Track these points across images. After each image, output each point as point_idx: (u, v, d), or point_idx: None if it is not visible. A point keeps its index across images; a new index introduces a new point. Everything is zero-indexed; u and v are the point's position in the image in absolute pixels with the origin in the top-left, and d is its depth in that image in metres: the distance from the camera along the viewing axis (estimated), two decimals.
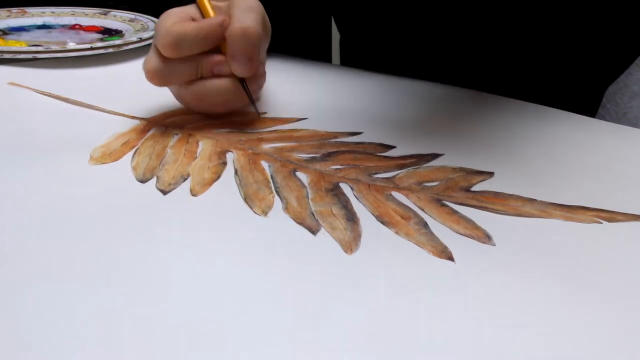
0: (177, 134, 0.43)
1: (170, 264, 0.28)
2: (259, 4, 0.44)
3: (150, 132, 0.43)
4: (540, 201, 0.36)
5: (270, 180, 0.37)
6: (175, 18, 0.41)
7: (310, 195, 0.35)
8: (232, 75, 0.43)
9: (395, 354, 0.23)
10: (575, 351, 0.24)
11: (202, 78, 0.43)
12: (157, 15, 0.77)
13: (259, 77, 0.46)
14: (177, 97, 0.45)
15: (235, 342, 0.24)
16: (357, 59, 0.74)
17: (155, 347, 0.23)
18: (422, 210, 0.34)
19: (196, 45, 0.41)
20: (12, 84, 0.53)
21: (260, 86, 0.47)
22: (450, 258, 0.30)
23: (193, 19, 0.43)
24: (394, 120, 0.48)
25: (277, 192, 0.36)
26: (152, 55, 0.41)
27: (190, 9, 0.44)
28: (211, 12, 0.43)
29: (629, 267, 0.30)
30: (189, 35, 0.40)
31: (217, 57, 0.42)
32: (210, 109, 0.45)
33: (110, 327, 0.24)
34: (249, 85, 0.44)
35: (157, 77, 0.41)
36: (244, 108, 0.46)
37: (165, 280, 0.27)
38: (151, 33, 0.67)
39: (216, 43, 0.42)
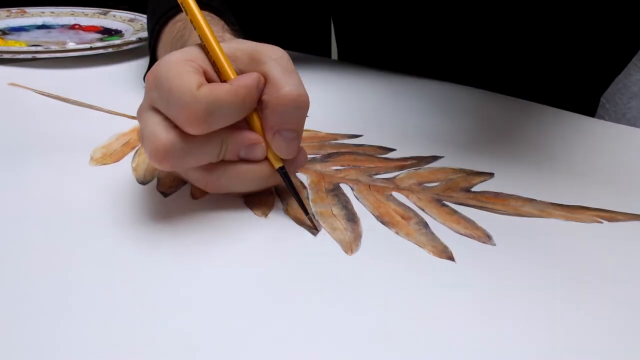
0: None
1: (170, 266, 0.28)
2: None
3: None
4: (540, 201, 0.36)
5: None
6: (191, 75, 0.29)
7: (310, 196, 0.35)
8: (264, 159, 0.33)
9: (395, 353, 0.23)
10: (576, 351, 0.24)
11: (224, 161, 0.32)
12: None
13: (300, 156, 0.34)
14: (185, 175, 0.33)
15: (236, 343, 0.24)
16: (354, 52, 0.74)
17: (155, 348, 0.23)
18: (423, 210, 0.34)
19: (231, 116, 0.30)
20: (12, 84, 0.54)
21: (299, 167, 0.35)
22: (451, 258, 0.30)
23: (205, 72, 0.31)
24: (394, 122, 0.48)
25: (277, 193, 0.36)
26: (159, 128, 0.30)
27: (194, 54, 0.32)
28: (229, 68, 0.32)
29: (629, 266, 0.30)
30: (225, 102, 0.29)
31: (251, 136, 0.32)
32: (233, 194, 0.34)
33: (111, 329, 0.24)
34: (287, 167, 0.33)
35: (172, 158, 0.30)
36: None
37: (165, 282, 0.27)
38: None
39: (248, 112, 0.32)
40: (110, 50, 0.62)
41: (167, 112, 0.30)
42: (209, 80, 0.31)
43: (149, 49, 0.50)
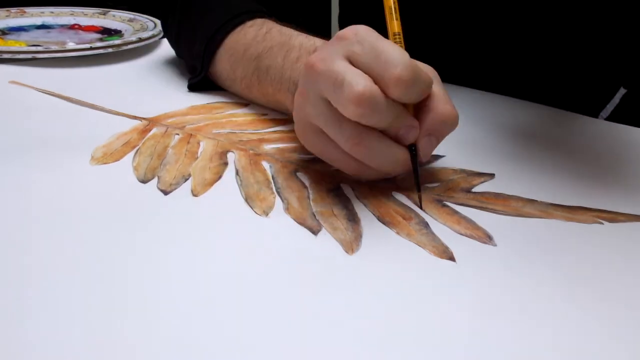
0: (178, 134, 0.43)
1: (171, 263, 0.28)
2: None
3: (152, 132, 0.43)
4: (541, 202, 0.36)
5: (272, 181, 0.37)
6: (396, 46, 0.33)
7: (311, 196, 0.35)
8: (406, 146, 0.35)
9: (395, 353, 0.23)
10: (576, 350, 0.24)
11: (379, 133, 0.34)
12: (156, 16, 0.77)
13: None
14: (334, 136, 0.34)
15: (236, 342, 0.24)
16: None
17: (155, 346, 0.23)
18: (423, 210, 0.34)
19: (419, 94, 0.33)
20: (13, 82, 0.53)
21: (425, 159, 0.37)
22: (451, 258, 0.30)
23: None
24: None
25: (278, 192, 0.36)
26: (361, 77, 0.31)
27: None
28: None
29: (629, 267, 0.30)
30: (425, 80, 0.33)
31: (414, 122, 0.34)
32: (361, 172, 0.36)
33: (111, 326, 0.24)
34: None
35: (370, 106, 0.31)
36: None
37: (166, 280, 0.27)
38: (150, 33, 0.67)
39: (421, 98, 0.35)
40: (110, 50, 0.62)
41: (373, 68, 0.32)
42: None
43: (200, 54, 0.51)
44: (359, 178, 0.37)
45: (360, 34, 0.33)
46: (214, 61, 0.51)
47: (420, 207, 0.35)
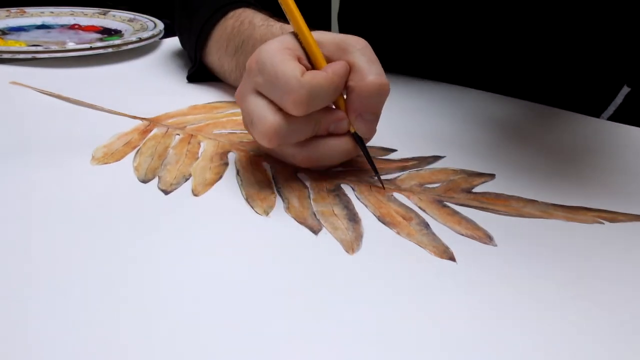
0: (179, 135, 0.43)
1: (171, 264, 0.28)
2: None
3: (152, 132, 0.43)
4: (542, 202, 0.36)
5: (272, 181, 0.37)
6: (293, 63, 0.34)
7: (312, 196, 0.35)
8: (348, 134, 0.37)
9: (395, 353, 0.23)
10: (577, 351, 0.24)
11: (316, 137, 0.36)
12: (156, 15, 0.77)
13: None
14: (281, 154, 0.37)
15: (237, 341, 0.24)
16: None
17: (157, 346, 0.23)
18: (424, 211, 0.34)
19: (327, 100, 0.35)
20: (13, 82, 0.53)
21: (368, 140, 0.39)
22: (452, 258, 0.30)
23: (299, 59, 0.35)
24: (395, 122, 0.48)
25: (278, 192, 0.36)
26: (267, 112, 0.33)
27: (290, 43, 0.36)
28: (321, 56, 0.36)
29: (630, 267, 0.30)
30: (323, 88, 0.33)
31: (339, 114, 0.36)
32: (320, 167, 0.38)
33: (112, 326, 0.24)
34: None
35: (278, 138, 0.33)
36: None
37: (166, 280, 0.27)
38: (150, 33, 0.67)
39: (338, 96, 0.36)
40: (110, 50, 0.62)
41: (273, 96, 0.34)
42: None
43: (193, 46, 0.54)
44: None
45: (260, 61, 0.34)
46: (206, 54, 0.54)
47: (383, 188, 0.37)
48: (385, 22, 0.64)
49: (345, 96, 0.37)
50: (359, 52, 0.35)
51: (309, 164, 0.37)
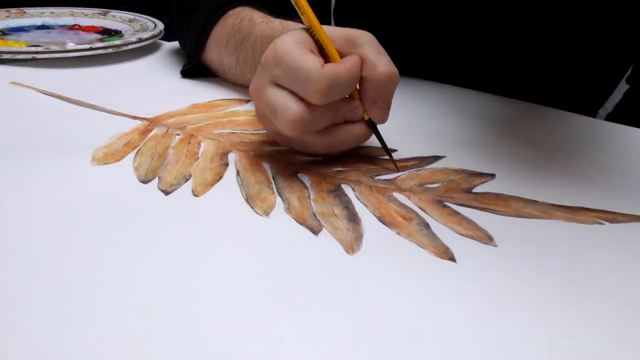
0: (179, 135, 0.43)
1: (171, 264, 0.28)
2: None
3: (152, 133, 0.43)
4: (542, 202, 0.36)
5: (272, 181, 0.37)
6: (311, 56, 0.35)
7: (312, 196, 0.35)
8: (362, 120, 0.39)
9: (395, 353, 0.23)
10: (577, 351, 0.24)
11: (334, 124, 0.38)
12: (156, 16, 0.77)
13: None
14: (301, 142, 0.39)
15: (237, 342, 0.24)
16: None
17: (156, 346, 0.23)
18: (424, 211, 0.34)
19: (347, 90, 0.37)
20: (14, 83, 0.53)
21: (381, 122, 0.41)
22: (452, 259, 0.30)
23: (313, 52, 0.37)
24: (395, 123, 0.48)
25: (278, 192, 0.36)
26: (290, 102, 0.35)
27: (303, 37, 0.38)
28: (334, 49, 0.38)
29: (630, 267, 0.30)
30: (342, 79, 0.35)
31: (355, 102, 0.38)
32: (336, 152, 0.41)
33: (112, 327, 0.24)
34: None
35: (302, 125, 0.35)
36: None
37: (166, 280, 0.27)
38: (150, 33, 0.67)
39: (355, 86, 0.38)
40: (110, 50, 0.62)
41: (294, 87, 0.35)
42: None
43: (194, 44, 0.56)
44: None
45: (279, 54, 0.36)
46: (205, 52, 0.55)
47: (397, 170, 0.39)
48: (381, 21, 0.64)
49: (358, 86, 0.38)
50: (367, 44, 0.37)
51: (328, 150, 0.39)
